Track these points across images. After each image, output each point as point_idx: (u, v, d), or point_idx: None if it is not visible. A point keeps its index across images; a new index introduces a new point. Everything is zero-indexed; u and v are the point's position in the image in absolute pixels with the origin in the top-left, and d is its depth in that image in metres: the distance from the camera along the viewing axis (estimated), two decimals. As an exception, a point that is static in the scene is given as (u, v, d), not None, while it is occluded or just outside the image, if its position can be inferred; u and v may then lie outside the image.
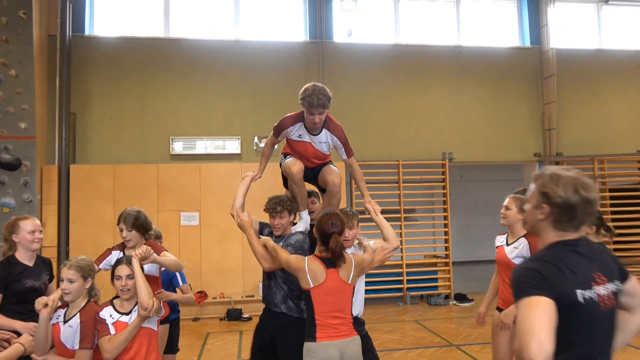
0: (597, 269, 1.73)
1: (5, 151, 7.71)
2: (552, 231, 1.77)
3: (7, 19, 7.75)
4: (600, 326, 1.70)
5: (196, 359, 6.05)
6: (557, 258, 1.70)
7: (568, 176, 1.74)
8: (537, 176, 1.82)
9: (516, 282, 1.67)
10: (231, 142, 8.94)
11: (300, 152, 3.59)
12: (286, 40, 9.44)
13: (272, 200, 3.42)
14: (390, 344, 6.42)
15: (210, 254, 8.52)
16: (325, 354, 2.85)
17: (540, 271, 1.65)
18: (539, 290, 1.61)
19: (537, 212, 1.78)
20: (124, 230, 3.34)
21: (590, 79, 10.14)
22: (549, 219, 1.75)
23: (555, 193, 1.72)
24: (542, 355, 1.50)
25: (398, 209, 9.12)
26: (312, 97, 3.28)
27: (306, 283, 2.93)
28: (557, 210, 1.73)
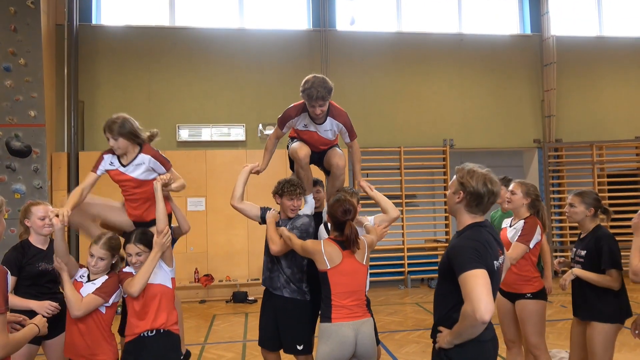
0: (498, 245, 2.29)
1: (15, 138, 7.88)
2: (465, 214, 2.27)
3: (15, 8, 7.87)
4: (497, 285, 2.26)
5: (203, 340, 6.21)
6: (482, 237, 2.18)
7: (480, 172, 2.24)
8: (458, 169, 2.29)
9: (458, 257, 2.11)
10: (236, 129, 9.09)
11: (306, 140, 3.68)
12: (290, 29, 9.53)
13: (290, 182, 3.50)
14: (392, 326, 6.62)
15: (216, 239, 8.73)
16: (340, 334, 2.91)
17: (476, 248, 2.11)
18: (478, 263, 2.06)
19: (455, 196, 2.27)
20: (110, 139, 3.21)
21: (589, 66, 10.22)
22: (463, 203, 2.25)
23: (470, 184, 2.21)
24: (489, 314, 1.98)
25: (399, 194, 9.29)
26: (312, 90, 3.33)
27: (323, 264, 3.00)
28: (469, 197, 2.22)
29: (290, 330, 3.45)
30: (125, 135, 3.20)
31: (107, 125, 3.22)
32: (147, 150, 3.29)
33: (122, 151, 3.25)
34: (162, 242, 3.00)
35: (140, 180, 3.29)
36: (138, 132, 3.25)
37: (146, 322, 2.95)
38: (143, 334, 2.96)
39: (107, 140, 3.22)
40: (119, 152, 3.25)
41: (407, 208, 9.49)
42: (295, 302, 3.47)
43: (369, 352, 3.00)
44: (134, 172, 3.28)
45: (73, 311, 2.86)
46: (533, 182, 11.18)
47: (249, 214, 3.68)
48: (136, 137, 3.24)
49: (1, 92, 7.84)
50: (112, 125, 3.19)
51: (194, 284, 8.51)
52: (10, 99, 7.88)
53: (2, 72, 7.85)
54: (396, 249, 9.37)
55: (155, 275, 3.00)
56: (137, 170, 3.27)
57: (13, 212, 7.78)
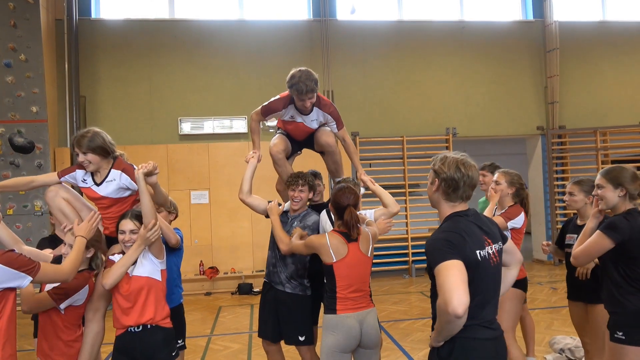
0: (485, 234, 2.13)
1: (18, 134, 7.90)
2: (445, 203, 2.16)
3: (14, 4, 7.85)
4: (491, 279, 2.11)
5: (209, 332, 6.26)
6: (458, 227, 2.06)
7: (453, 157, 2.16)
8: (433, 159, 2.24)
9: (431, 252, 2.02)
10: (238, 121, 9.08)
11: (291, 130, 3.72)
12: (290, 19, 9.48)
13: (294, 174, 3.51)
14: (397, 315, 6.65)
15: (221, 231, 8.75)
16: (346, 325, 2.92)
17: (449, 239, 2.00)
18: (452, 254, 1.95)
19: (432, 187, 2.19)
20: (79, 154, 2.98)
21: (593, 51, 10.14)
22: (440, 191, 2.15)
23: (442, 170, 2.14)
24: (462, 307, 1.83)
25: (403, 184, 9.29)
26: (300, 85, 3.36)
27: (329, 257, 2.97)
28: (444, 184, 2.13)
29: (293, 323, 3.49)
30: (95, 151, 2.97)
31: (75, 139, 3.00)
32: (118, 165, 3.07)
33: (94, 167, 3.02)
34: (145, 236, 2.80)
35: (115, 199, 3.09)
36: (109, 147, 3.02)
37: (131, 317, 2.81)
38: (130, 329, 2.82)
39: (76, 156, 3.00)
40: (90, 168, 3.02)
41: (411, 197, 9.49)
42: (297, 297, 3.51)
43: (373, 342, 3.02)
44: (106, 189, 3.07)
45: (22, 306, 2.71)
46: (536, 170, 11.12)
47: (257, 208, 3.67)
48: (107, 153, 3.01)
49: (3, 88, 7.85)
50: (80, 139, 2.97)
51: (199, 276, 8.56)
52: (12, 95, 7.88)
53: (3, 68, 7.85)
54: (400, 238, 9.38)
55: (142, 267, 2.85)
56: (109, 188, 3.06)
57: (18, 208, 7.83)
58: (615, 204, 2.86)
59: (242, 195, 3.62)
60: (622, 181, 2.82)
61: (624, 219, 2.75)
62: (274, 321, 3.56)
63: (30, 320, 3.87)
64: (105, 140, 3.01)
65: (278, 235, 3.38)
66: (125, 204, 3.11)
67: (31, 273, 2.34)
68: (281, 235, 3.36)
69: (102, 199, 3.09)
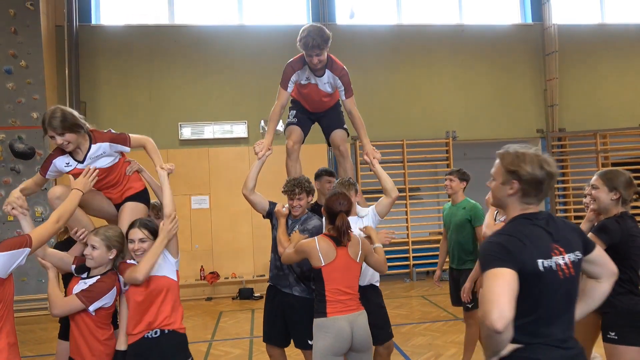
0: (556, 241, 1.86)
1: (19, 141, 7.91)
2: (517, 204, 1.92)
3: (14, 10, 7.88)
4: (558, 293, 1.84)
5: (210, 337, 6.25)
6: (519, 231, 1.84)
7: (531, 154, 1.92)
8: (503, 155, 1.96)
9: (482, 256, 1.82)
10: (238, 126, 9.09)
11: (307, 95, 3.73)
12: (289, 24, 9.47)
13: (290, 183, 3.49)
14: (398, 319, 6.62)
15: (221, 236, 8.75)
16: (337, 327, 2.93)
17: (504, 244, 1.79)
18: (503, 262, 1.73)
19: (506, 188, 1.92)
20: (55, 136, 2.86)
21: (592, 54, 10.15)
22: (518, 194, 1.91)
23: (524, 170, 1.88)
24: (502, 322, 1.62)
25: (403, 187, 9.29)
26: (307, 39, 3.36)
27: (318, 261, 3.00)
28: (526, 186, 1.88)
29: (301, 327, 3.46)
30: (72, 129, 2.86)
31: (46, 122, 2.86)
32: (99, 137, 3.02)
33: (73, 146, 2.92)
34: (169, 229, 2.85)
35: (108, 168, 3.08)
36: (81, 122, 2.93)
37: (148, 318, 2.78)
38: (146, 335, 2.78)
39: (51, 139, 2.90)
40: (69, 147, 2.92)
41: (411, 201, 9.49)
42: (306, 300, 3.47)
43: (365, 344, 3.03)
44: (97, 163, 3.03)
45: (52, 310, 2.76)
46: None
47: (257, 206, 3.67)
48: (80, 128, 2.91)
49: (3, 94, 7.87)
50: (52, 121, 2.84)
51: (200, 281, 8.55)
52: (12, 101, 7.90)
53: (3, 75, 7.88)
54: (401, 242, 9.38)
55: (159, 266, 2.84)
56: (99, 161, 3.03)
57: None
58: (607, 206, 2.93)
59: (246, 191, 3.62)
60: (617, 185, 2.90)
61: (615, 222, 2.82)
62: (281, 325, 3.54)
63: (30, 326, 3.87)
64: (75, 116, 2.92)
65: (279, 238, 3.40)
66: (117, 168, 3.12)
67: (25, 244, 2.48)
68: (282, 240, 3.38)
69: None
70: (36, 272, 7.45)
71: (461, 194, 4.56)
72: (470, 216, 4.41)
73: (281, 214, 3.48)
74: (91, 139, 3.00)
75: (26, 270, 7.17)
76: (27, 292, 7.59)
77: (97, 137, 3.01)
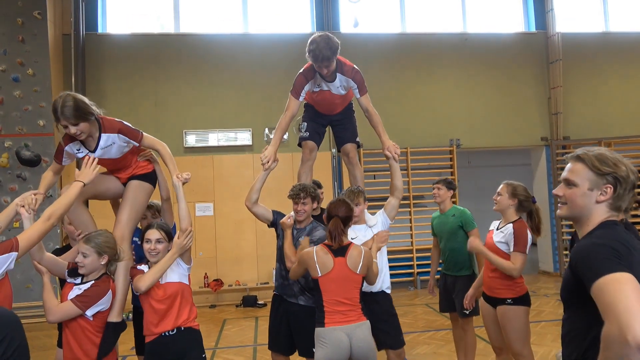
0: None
1: (25, 148, 7.97)
2: (604, 210, 1.66)
3: (22, 19, 7.97)
4: None
5: (214, 345, 6.23)
6: (620, 236, 1.56)
7: (619, 158, 1.67)
8: (588, 156, 1.68)
9: (590, 259, 1.49)
10: (242, 133, 9.13)
11: (319, 102, 3.76)
12: (293, 32, 9.56)
13: (296, 187, 3.49)
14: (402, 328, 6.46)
15: (225, 243, 8.76)
16: (334, 338, 2.93)
17: (615, 248, 1.50)
18: (621, 266, 1.43)
19: (595, 194, 1.65)
20: (69, 126, 2.76)
21: (596, 62, 10.16)
22: (609, 201, 1.65)
23: (627, 175, 1.63)
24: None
25: (407, 195, 9.28)
26: (316, 52, 3.37)
27: (315, 272, 3.01)
28: (621, 190, 1.63)
29: (306, 336, 3.44)
30: (85, 118, 2.78)
31: (59, 111, 2.73)
32: (110, 127, 2.95)
33: (86, 135, 2.86)
34: (183, 244, 2.89)
35: (118, 158, 3.08)
36: (92, 109, 2.85)
37: (168, 322, 2.87)
38: (164, 333, 2.87)
39: (64, 129, 2.80)
40: (82, 137, 2.85)
41: (415, 209, 9.48)
42: (310, 309, 3.44)
43: (365, 355, 3.00)
44: (107, 154, 3.01)
45: (47, 316, 2.75)
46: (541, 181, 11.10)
47: (261, 217, 3.69)
48: (92, 115, 2.84)
49: (11, 102, 7.94)
50: (64, 109, 2.73)
51: (204, 288, 8.55)
52: (19, 109, 7.96)
53: (11, 83, 7.95)
54: (405, 250, 9.36)
55: (173, 273, 2.92)
56: (111, 152, 3.00)
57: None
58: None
59: (249, 203, 3.62)
60: None
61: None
62: (286, 334, 3.55)
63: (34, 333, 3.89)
64: (87, 104, 2.82)
65: (286, 252, 3.40)
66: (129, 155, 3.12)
67: (12, 249, 2.39)
68: (289, 253, 3.38)
69: (106, 162, 3.08)
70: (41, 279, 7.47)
71: (449, 202, 4.64)
72: (461, 222, 4.46)
73: (287, 225, 3.47)
74: (100, 127, 2.93)
75: (31, 277, 7.18)
76: (32, 298, 7.59)
77: (106, 127, 2.94)
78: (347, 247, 3.07)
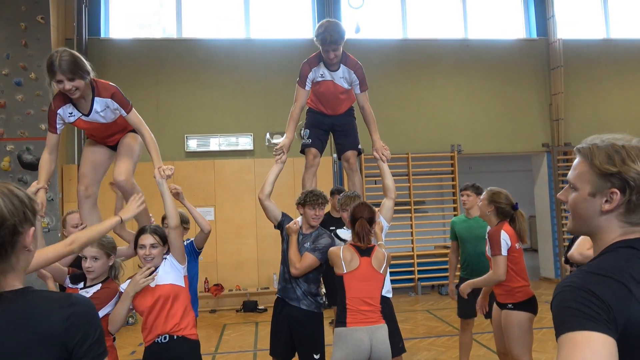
0: None
1: (27, 152, 7.99)
2: (617, 228, 1.21)
3: (26, 24, 8.01)
4: None
5: (214, 350, 6.22)
6: (622, 268, 1.12)
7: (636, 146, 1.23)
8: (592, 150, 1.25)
9: (560, 306, 1.11)
10: (244, 138, 9.14)
11: (323, 94, 3.78)
12: (295, 38, 9.59)
13: (313, 193, 3.50)
14: (403, 333, 6.44)
15: (226, 248, 8.75)
16: (355, 338, 2.94)
17: (598, 293, 1.08)
18: (592, 322, 1.05)
19: (598, 201, 1.22)
20: (64, 81, 2.63)
21: (597, 68, 10.17)
22: (619, 211, 1.20)
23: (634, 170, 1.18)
24: None
25: (408, 201, 9.28)
26: (325, 34, 3.43)
27: (340, 269, 3.08)
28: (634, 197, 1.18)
29: (308, 341, 3.47)
30: (82, 75, 2.67)
31: (56, 65, 2.58)
32: (103, 90, 2.84)
33: (80, 93, 2.72)
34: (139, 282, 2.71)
35: (109, 123, 2.99)
36: (88, 68, 2.73)
37: (157, 326, 2.78)
38: (157, 340, 2.80)
39: (58, 84, 2.66)
40: (76, 94, 2.71)
41: (416, 215, 9.47)
42: (312, 314, 3.48)
43: (384, 357, 3.02)
44: (101, 118, 2.90)
45: None
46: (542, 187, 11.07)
47: (270, 214, 3.67)
48: (88, 74, 2.72)
49: (13, 106, 7.96)
50: (61, 62, 2.58)
51: (204, 293, 8.53)
52: (21, 112, 7.99)
53: (13, 87, 7.97)
54: (406, 255, 9.34)
55: (167, 275, 2.82)
56: (105, 115, 2.91)
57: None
58: None
59: (262, 195, 3.61)
60: None
61: None
62: (287, 338, 3.53)
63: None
64: (84, 62, 2.71)
65: (291, 258, 3.41)
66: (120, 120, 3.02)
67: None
68: (294, 259, 3.39)
69: (97, 127, 2.97)
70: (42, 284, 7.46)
71: (477, 208, 4.63)
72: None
73: (292, 230, 3.47)
74: (94, 89, 2.82)
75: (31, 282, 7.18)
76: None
77: (100, 90, 2.84)
78: (372, 248, 3.17)
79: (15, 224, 1.22)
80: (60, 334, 1.19)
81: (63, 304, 1.23)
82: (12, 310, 1.19)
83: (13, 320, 1.17)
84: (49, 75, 2.65)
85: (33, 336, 1.17)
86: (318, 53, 3.65)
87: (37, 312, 1.20)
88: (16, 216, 1.22)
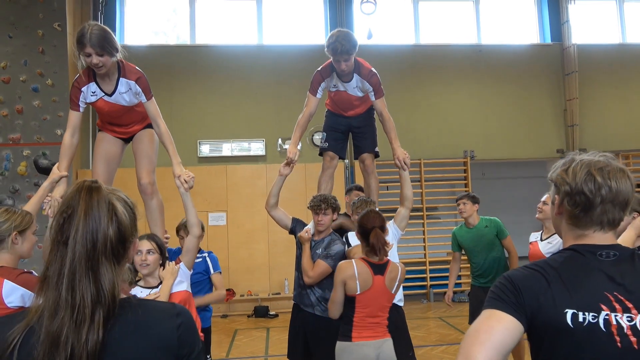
0: (625, 292, 1.22)
1: (43, 157, 8.10)
2: (569, 231, 1.36)
3: (43, 31, 8.15)
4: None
5: (225, 355, 6.22)
6: (552, 267, 1.28)
7: (583, 160, 1.34)
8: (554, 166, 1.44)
9: (489, 292, 1.31)
10: (256, 144, 9.18)
11: (338, 102, 3.79)
12: (307, 44, 9.63)
13: (317, 198, 3.46)
14: (415, 341, 6.45)
15: (238, 253, 8.76)
16: (361, 354, 2.84)
17: (514, 280, 1.27)
18: (503, 304, 1.24)
19: (553, 207, 1.41)
20: (92, 55, 2.58)
21: (612, 73, 10.05)
22: (564, 214, 1.35)
23: (564, 180, 1.34)
24: None
25: (420, 207, 9.23)
26: (336, 44, 3.38)
27: (354, 290, 2.85)
28: (568, 201, 1.32)
29: (323, 348, 3.42)
30: (111, 52, 2.63)
31: (87, 36, 2.52)
32: (129, 72, 2.83)
33: (106, 70, 2.68)
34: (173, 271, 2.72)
35: (130, 107, 2.94)
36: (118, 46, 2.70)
37: None
38: None
39: (87, 58, 2.61)
40: (102, 71, 2.67)
41: (428, 221, 9.40)
42: (326, 320, 3.41)
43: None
44: (122, 100, 2.86)
45: None
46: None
47: (280, 223, 3.69)
48: (116, 52, 2.68)
49: (30, 111, 8.09)
50: (92, 36, 2.53)
51: (216, 298, 8.54)
52: (38, 118, 8.12)
53: (31, 93, 8.11)
54: (418, 262, 9.27)
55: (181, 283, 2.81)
56: (126, 97, 2.87)
57: (41, 229, 7.93)
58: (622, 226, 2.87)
59: (267, 207, 3.64)
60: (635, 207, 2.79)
61: None
62: (302, 344, 3.53)
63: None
64: (115, 39, 2.67)
65: (304, 266, 3.39)
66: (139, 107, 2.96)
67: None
68: (306, 267, 3.37)
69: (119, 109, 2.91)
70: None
71: (476, 216, 4.68)
72: (496, 231, 4.54)
73: (305, 239, 3.44)
74: (119, 69, 2.78)
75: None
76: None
77: (127, 72, 2.81)
78: (386, 264, 2.94)
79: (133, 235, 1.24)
80: (173, 345, 1.18)
81: (171, 314, 1.21)
82: (126, 320, 1.15)
83: (129, 330, 1.15)
84: (78, 48, 2.59)
85: (148, 346, 1.15)
86: (330, 63, 3.62)
87: (149, 322, 1.18)
88: (133, 227, 1.23)
